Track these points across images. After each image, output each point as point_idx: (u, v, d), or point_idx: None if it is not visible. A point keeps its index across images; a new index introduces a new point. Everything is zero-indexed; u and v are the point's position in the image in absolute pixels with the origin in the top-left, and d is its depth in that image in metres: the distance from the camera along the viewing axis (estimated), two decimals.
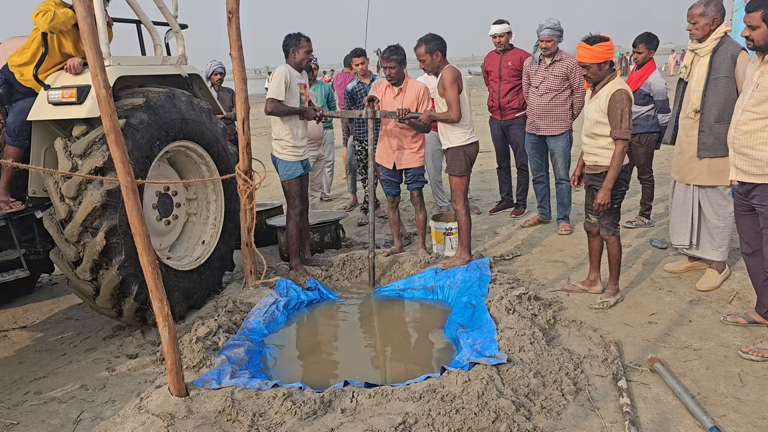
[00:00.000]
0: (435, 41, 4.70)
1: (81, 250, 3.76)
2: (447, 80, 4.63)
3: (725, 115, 3.97)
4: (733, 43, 4.11)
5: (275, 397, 3.07)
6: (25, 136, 4.00)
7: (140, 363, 3.79)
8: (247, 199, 4.52)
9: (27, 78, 4.04)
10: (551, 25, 5.61)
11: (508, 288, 4.25)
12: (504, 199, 6.99)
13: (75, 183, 3.70)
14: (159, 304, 3.03)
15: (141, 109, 3.98)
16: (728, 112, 3.85)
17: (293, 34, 4.96)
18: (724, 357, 3.42)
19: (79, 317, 4.73)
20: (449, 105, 4.68)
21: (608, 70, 4.02)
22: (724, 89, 4.06)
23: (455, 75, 4.64)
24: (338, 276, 5.17)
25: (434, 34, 4.80)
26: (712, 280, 4.38)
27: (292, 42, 4.90)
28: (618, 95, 3.92)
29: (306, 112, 5.00)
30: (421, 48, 4.73)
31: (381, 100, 5.17)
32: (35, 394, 3.51)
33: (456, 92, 4.63)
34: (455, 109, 4.65)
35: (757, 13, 3.32)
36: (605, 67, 4.00)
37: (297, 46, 4.89)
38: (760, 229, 3.54)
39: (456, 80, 4.63)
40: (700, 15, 4.11)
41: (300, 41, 4.90)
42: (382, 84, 5.24)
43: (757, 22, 3.33)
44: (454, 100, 4.64)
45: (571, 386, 3.12)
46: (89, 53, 2.71)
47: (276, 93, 4.76)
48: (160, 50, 4.68)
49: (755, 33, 3.35)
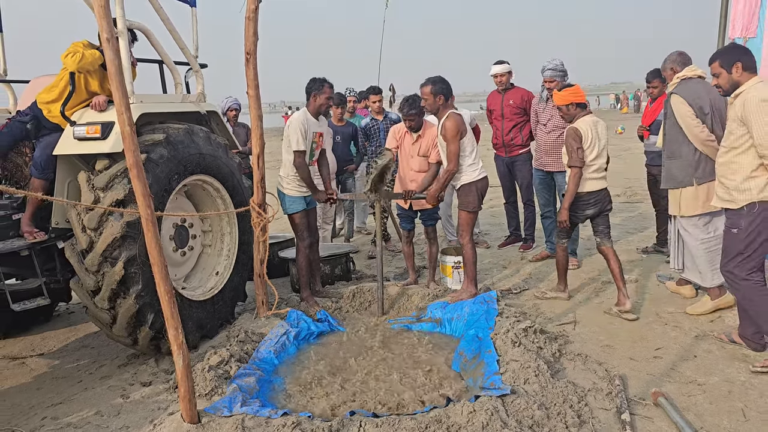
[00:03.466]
0: (441, 85, 4.88)
1: (100, 279, 3.89)
2: (449, 132, 4.78)
3: (673, 152, 4.59)
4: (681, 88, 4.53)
5: (284, 425, 3.14)
6: (51, 169, 4.19)
7: (154, 390, 3.88)
8: (260, 231, 4.65)
9: (54, 114, 4.25)
10: (552, 66, 5.83)
11: (515, 321, 4.32)
12: (512, 234, 7.08)
13: (96, 215, 3.87)
14: (174, 333, 3.13)
15: (161, 145, 4.16)
16: (674, 150, 4.56)
17: (318, 78, 5.05)
18: (728, 392, 3.45)
19: (94, 345, 4.84)
20: (449, 157, 4.86)
21: (576, 110, 4.87)
22: (669, 129, 4.62)
23: (458, 125, 4.78)
24: (348, 308, 5.26)
25: (442, 77, 4.96)
26: (704, 305, 4.64)
27: (315, 86, 5.00)
28: (568, 131, 4.81)
29: (318, 194, 5.13)
30: (427, 88, 4.90)
31: (400, 145, 5.33)
32: (52, 419, 3.61)
33: (457, 145, 4.80)
34: (454, 162, 4.83)
35: (716, 63, 3.81)
36: (573, 108, 4.87)
37: (319, 91, 5.00)
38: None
39: (458, 131, 4.78)
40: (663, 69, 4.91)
41: (323, 87, 5.00)
42: (401, 129, 5.37)
43: (717, 71, 3.80)
44: (454, 153, 4.81)
45: (575, 418, 3.16)
46: (116, 93, 2.89)
47: (299, 144, 4.89)
48: (180, 88, 4.89)
49: (719, 80, 3.82)
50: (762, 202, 3.67)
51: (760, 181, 3.67)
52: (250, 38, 4.28)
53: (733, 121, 3.76)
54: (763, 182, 3.66)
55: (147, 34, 4.41)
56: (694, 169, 4.49)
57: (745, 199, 3.72)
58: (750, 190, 3.70)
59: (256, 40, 4.32)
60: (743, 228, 3.75)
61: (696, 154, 4.48)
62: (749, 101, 3.61)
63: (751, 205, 3.70)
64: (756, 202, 3.68)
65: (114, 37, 2.85)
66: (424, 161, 5.28)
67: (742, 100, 3.67)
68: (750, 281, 3.79)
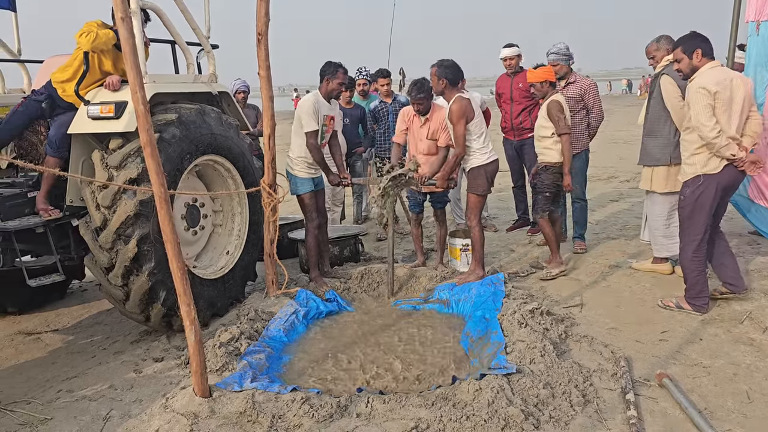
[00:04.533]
0: (447, 69, 4.89)
1: (114, 256, 3.96)
2: (454, 115, 4.81)
3: (653, 130, 4.89)
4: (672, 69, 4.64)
5: (294, 400, 3.21)
6: (65, 148, 4.24)
7: (166, 366, 3.96)
8: (270, 211, 4.70)
9: (68, 94, 4.30)
10: (556, 50, 5.81)
11: (522, 303, 4.36)
12: (520, 218, 7.09)
13: (110, 193, 3.92)
14: (186, 309, 3.20)
15: (173, 125, 4.20)
16: (654, 128, 4.86)
17: (334, 63, 5.07)
18: (733, 375, 3.48)
19: (108, 322, 4.93)
20: (456, 141, 4.89)
21: (549, 88, 5.22)
22: (654, 108, 4.87)
23: (463, 109, 4.80)
24: (356, 288, 5.32)
25: (453, 62, 4.97)
26: (644, 265, 5.29)
27: (329, 70, 5.02)
28: (551, 104, 5.12)
29: (331, 176, 5.17)
30: (434, 69, 4.95)
31: (409, 128, 5.37)
32: (67, 392, 3.70)
33: (463, 127, 4.83)
34: (461, 144, 4.87)
35: (677, 49, 4.18)
36: (546, 85, 5.20)
37: (333, 76, 5.01)
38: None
39: (464, 114, 4.80)
40: (655, 50, 5.02)
41: (337, 72, 5.02)
42: (410, 112, 5.38)
43: (679, 56, 4.18)
44: (460, 135, 4.84)
45: (579, 398, 3.21)
46: (130, 72, 2.93)
47: (312, 125, 4.92)
48: (192, 69, 4.92)
49: (681, 65, 4.21)
50: (705, 174, 4.15)
51: (704, 156, 4.15)
52: (262, 18, 4.29)
53: (686, 104, 4.22)
54: (706, 157, 4.14)
55: (159, 14, 4.43)
56: (672, 149, 4.79)
57: (692, 172, 4.22)
58: (695, 165, 4.20)
59: (267, 21, 4.33)
60: (686, 196, 4.24)
61: (675, 134, 4.74)
62: (691, 86, 4.10)
63: (696, 178, 4.20)
64: (700, 174, 4.17)
65: (128, 16, 2.88)
66: (432, 144, 5.29)
67: (690, 85, 4.14)
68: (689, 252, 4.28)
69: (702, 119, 4.00)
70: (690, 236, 4.27)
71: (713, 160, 4.13)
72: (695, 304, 4.34)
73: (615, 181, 10.03)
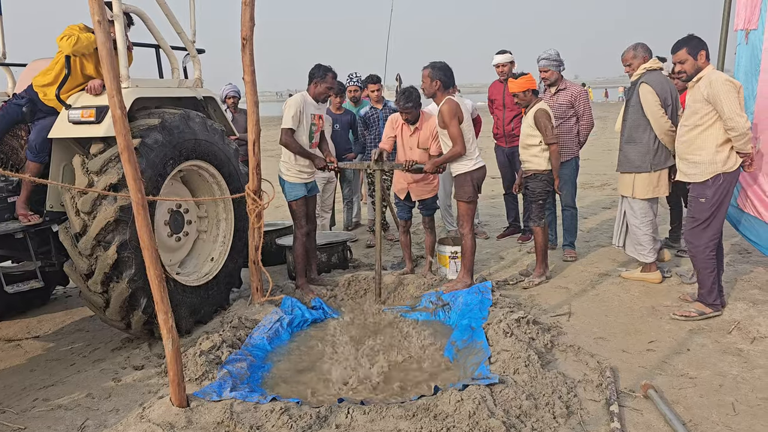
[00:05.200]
0: (440, 71, 4.85)
1: (93, 262, 3.90)
2: (446, 116, 4.76)
3: (632, 138, 4.95)
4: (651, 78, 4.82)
5: (273, 411, 3.15)
6: (46, 152, 4.19)
7: (145, 374, 3.89)
8: (255, 218, 4.64)
9: (50, 98, 4.24)
10: (546, 56, 5.79)
11: (508, 312, 4.30)
12: (511, 225, 7.06)
13: (90, 198, 3.87)
14: (164, 317, 3.14)
15: (156, 129, 4.15)
16: (634, 135, 4.93)
17: (324, 66, 5.03)
18: (719, 386, 3.44)
19: (90, 329, 4.86)
20: (453, 140, 4.82)
21: (532, 96, 5.20)
22: (632, 115, 4.94)
23: (453, 109, 4.76)
24: (343, 296, 5.26)
25: (446, 65, 4.93)
26: (633, 274, 5.27)
27: (318, 73, 4.98)
28: (539, 113, 5.10)
29: (315, 159, 5.07)
30: (426, 70, 4.90)
31: (398, 135, 5.32)
32: (43, 401, 3.63)
33: (457, 125, 4.77)
34: (460, 143, 4.80)
35: (682, 50, 4.19)
36: (529, 94, 5.19)
37: (322, 79, 4.97)
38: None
39: (455, 114, 4.76)
40: (632, 58, 5.03)
41: (326, 76, 4.98)
42: (398, 120, 5.33)
43: (684, 57, 4.18)
44: (457, 135, 4.78)
45: (563, 409, 3.16)
46: (107, 76, 2.88)
47: (289, 122, 4.87)
48: (177, 73, 4.87)
49: (686, 65, 4.19)
50: (725, 173, 4.15)
51: (724, 155, 4.13)
52: (247, 23, 4.24)
53: (697, 102, 4.17)
54: (726, 155, 4.13)
55: (143, 18, 4.39)
56: (652, 156, 4.88)
57: (711, 171, 4.16)
58: (716, 164, 4.15)
59: (252, 26, 4.28)
60: (709, 197, 4.20)
61: (655, 142, 4.86)
62: (715, 82, 4.04)
63: (716, 177, 4.16)
64: (720, 173, 4.15)
65: (105, 19, 2.84)
66: (424, 154, 5.24)
67: (707, 82, 4.08)
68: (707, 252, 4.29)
69: (737, 110, 3.98)
70: (709, 236, 4.27)
71: (731, 158, 4.14)
72: (714, 304, 4.35)
73: (608, 189, 10.01)
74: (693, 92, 4.23)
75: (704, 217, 4.24)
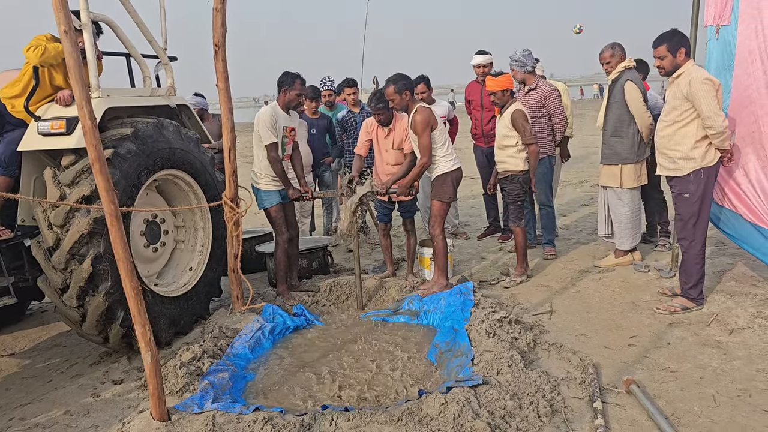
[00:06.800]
0: (402, 81, 4.85)
1: (68, 277, 3.82)
2: (419, 125, 4.76)
3: (618, 131, 5.20)
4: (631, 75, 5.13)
5: (256, 421, 3.10)
6: (15, 166, 4.10)
7: (125, 389, 3.82)
8: (233, 225, 4.59)
9: (18, 110, 4.15)
10: (515, 57, 5.82)
11: (490, 312, 4.30)
12: (491, 225, 7.08)
13: (63, 211, 3.78)
14: (142, 330, 3.09)
15: (129, 139, 4.08)
16: (619, 129, 5.18)
17: (292, 73, 4.97)
18: (699, 378, 3.47)
19: (67, 344, 4.77)
20: (421, 151, 4.85)
21: (509, 96, 5.21)
22: (616, 111, 5.19)
23: (426, 119, 4.77)
24: (325, 301, 5.23)
25: (401, 74, 4.94)
26: (609, 260, 5.54)
27: (287, 81, 4.93)
28: (516, 113, 5.11)
29: (291, 191, 5.03)
30: (390, 88, 4.85)
31: (374, 138, 5.33)
32: (19, 420, 3.54)
33: (428, 137, 4.79)
34: (427, 155, 4.83)
35: (662, 47, 4.26)
36: (507, 94, 5.19)
37: (290, 87, 4.93)
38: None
39: (428, 125, 4.77)
40: (610, 56, 5.28)
41: (294, 83, 4.92)
42: (373, 124, 5.33)
43: (663, 53, 4.26)
44: (425, 147, 4.80)
45: (547, 408, 3.16)
46: (75, 86, 2.82)
47: (270, 137, 4.84)
48: (149, 82, 4.80)
49: (664, 62, 4.29)
50: (705, 168, 4.23)
51: (702, 150, 4.21)
52: (218, 29, 4.19)
53: (676, 99, 4.26)
54: (704, 150, 4.22)
55: (112, 27, 4.32)
56: (636, 148, 5.17)
57: (691, 166, 4.25)
58: (695, 159, 4.23)
59: (224, 32, 4.23)
60: (693, 192, 4.27)
61: (638, 135, 5.16)
62: (695, 80, 4.11)
63: (697, 172, 4.24)
64: (701, 168, 4.23)
65: (72, 29, 2.78)
66: (399, 154, 5.24)
67: (686, 80, 4.17)
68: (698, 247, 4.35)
69: (715, 109, 4.06)
70: (700, 231, 4.33)
71: (710, 153, 4.23)
72: (698, 298, 4.42)
73: (585, 186, 10.10)
74: (673, 88, 4.32)
75: (692, 212, 4.30)
